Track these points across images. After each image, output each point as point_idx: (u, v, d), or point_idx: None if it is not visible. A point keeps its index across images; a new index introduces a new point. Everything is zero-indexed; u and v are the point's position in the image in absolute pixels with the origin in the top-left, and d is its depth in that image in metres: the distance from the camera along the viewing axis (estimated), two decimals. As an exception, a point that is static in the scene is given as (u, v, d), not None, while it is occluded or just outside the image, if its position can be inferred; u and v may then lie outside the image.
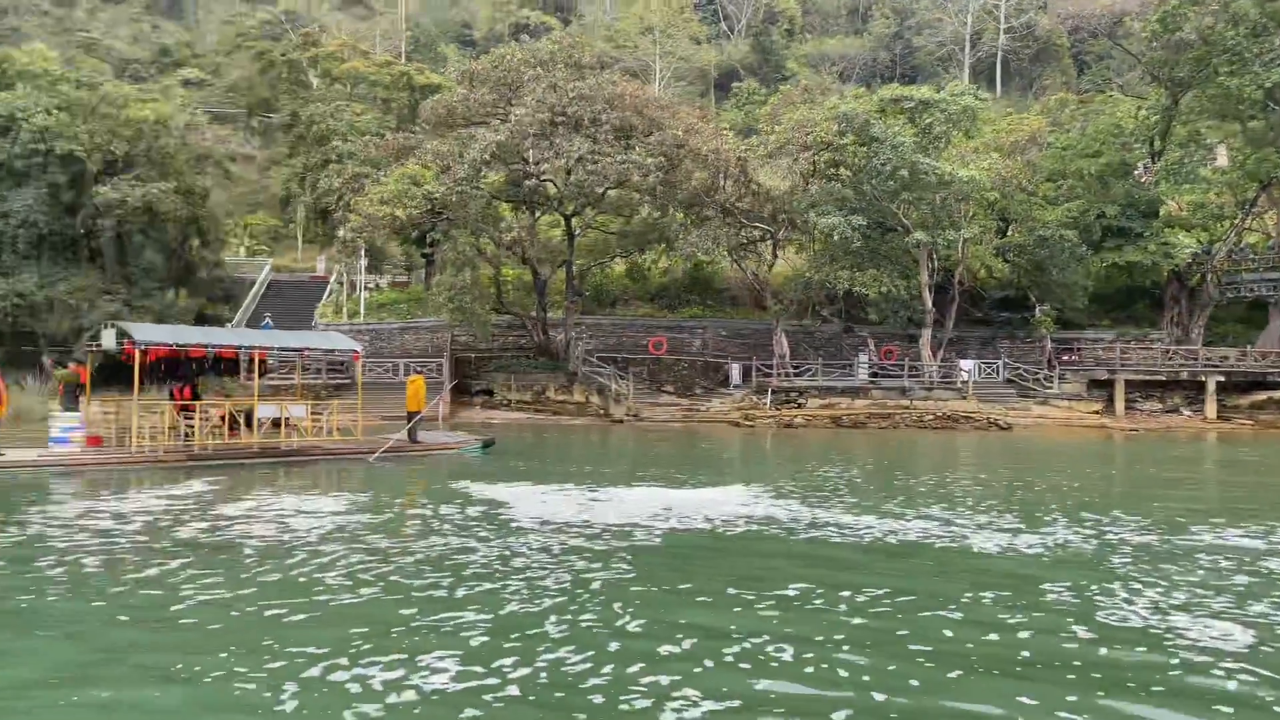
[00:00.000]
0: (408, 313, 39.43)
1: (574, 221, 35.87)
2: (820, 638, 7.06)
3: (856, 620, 7.62)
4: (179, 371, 23.39)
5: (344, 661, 6.41)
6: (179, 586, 8.55)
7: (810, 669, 6.38)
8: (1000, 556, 10.35)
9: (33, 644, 6.89)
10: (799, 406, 33.89)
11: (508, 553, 10.25)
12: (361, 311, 39.80)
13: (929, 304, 35.59)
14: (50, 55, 68.84)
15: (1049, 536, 11.49)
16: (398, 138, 35.76)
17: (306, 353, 27.22)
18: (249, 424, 21.23)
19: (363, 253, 38.29)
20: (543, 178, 33.69)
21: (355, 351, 24.27)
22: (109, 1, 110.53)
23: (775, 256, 36.80)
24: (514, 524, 12.06)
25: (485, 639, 6.99)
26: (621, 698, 5.81)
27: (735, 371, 36.45)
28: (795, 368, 35.66)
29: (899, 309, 35.67)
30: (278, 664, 6.36)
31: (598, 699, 5.79)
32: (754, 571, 9.47)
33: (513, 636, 7.05)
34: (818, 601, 8.23)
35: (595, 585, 8.80)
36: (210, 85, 78.55)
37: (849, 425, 32.86)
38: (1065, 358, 37.78)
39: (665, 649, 6.78)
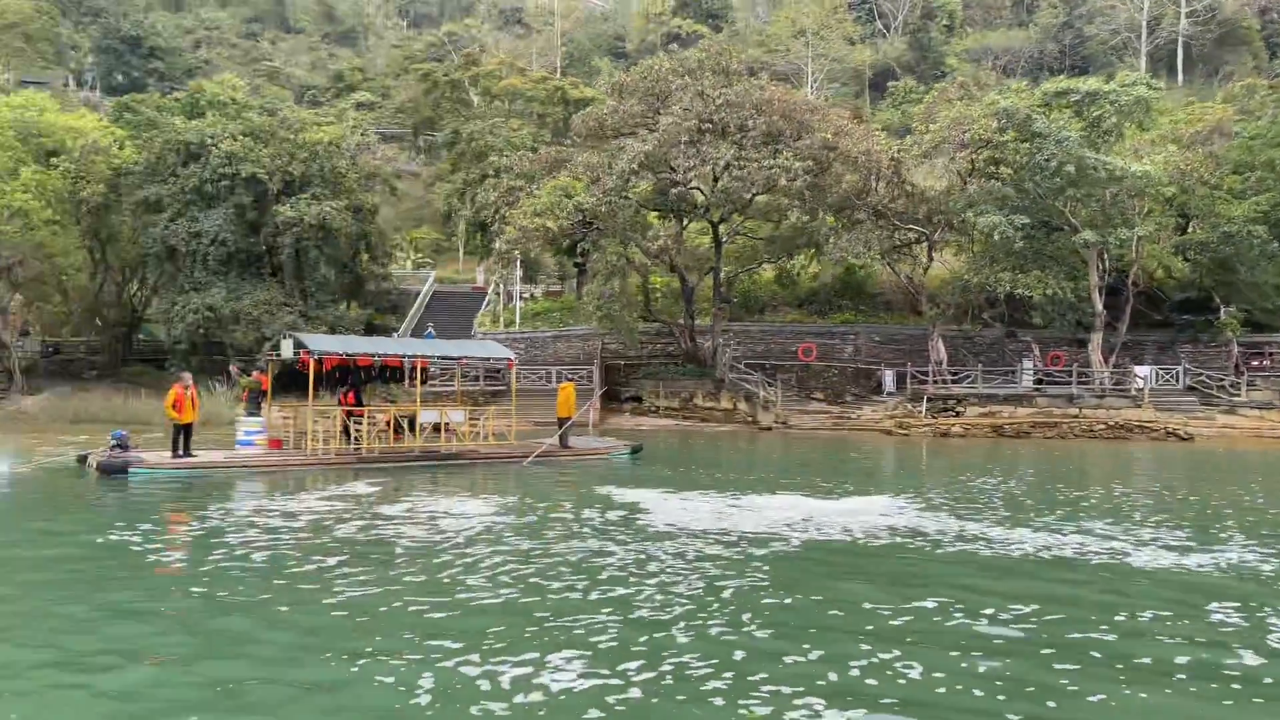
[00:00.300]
0: (560, 321, 40.43)
1: (721, 228, 35.90)
2: (955, 653, 6.81)
3: (997, 637, 7.31)
4: (349, 379, 24.88)
5: (476, 658, 6.64)
6: (333, 581, 9.07)
7: (941, 686, 6.17)
8: (1164, 574, 9.70)
9: (197, 627, 7.48)
10: (956, 415, 32.69)
11: (643, 557, 10.36)
12: (517, 320, 41.08)
13: (1099, 306, 33.65)
14: (238, 84, 74.51)
15: (1222, 555, 10.68)
16: (551, 151, 36.79)
17: (464, 361, 28.41)
18: (412, 429, 22.31)
19: (518, 264, 39.53)
20: (690, 185, 33.86)
21: (509, 359, 25.08)
22: (290, 32, 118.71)
23: (931, 259, 35.67)
24: (651, 529, 12.17)
25: (614, 642, 7.10)
26: (740, 702, 5.79)
27: (888, 378, 35.53)
28: (953, 374, 34.43)
29: (1066, 312, 33.86)
30: (415, 657, 6.66)
31: (718, 701, 5.79)
32: (891, 584, 9.23)
33: (640, 640, 7.13)
34: (957, 616, 7.94)
35: (726, 593, 8.78)
36: (380, 107, 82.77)
37: (1011, 435, 31.46)
38: (1255, 363, 34.95)
39: (791, 658, 6.71)
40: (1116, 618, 7.85)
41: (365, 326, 41.59)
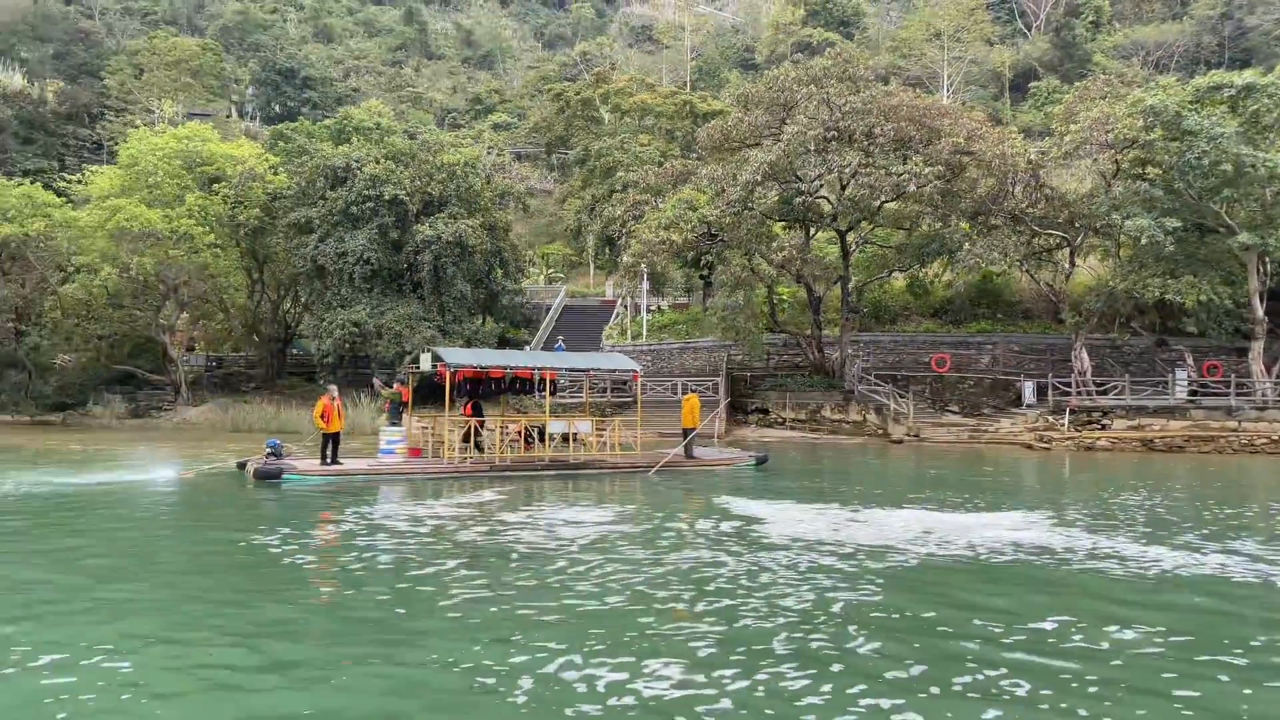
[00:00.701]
0: (686, 333, 40.54)
1: (849, 237, 35.28)
2: (1067, 675, 6.53)
3: (1116, 659, 6.96)
4: (480, 390, 25.75)
5: (578, 660, 6.79)
6: (450, 583, 9.41)
7: (1045, 703, 5.92)
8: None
9: (315, 624, 7.89)
10: (1102, 427, 31.05)
11: (754, 569, 10.32)
12: (644, 333, 41.46)
13: (1259, 313, 31.38)
14: (384, 110, 78.12)
15: (1387, 581, 9.82)
16: (676, 165, 37.03)
17: (592, 373, 28.93)
18: (541, 439, 22.94)
19: (644, 277, 39.89)
20: (816, 194, 33.48)
21: (634, 371, 25.41)
22: (432, 59, 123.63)
23: (1073, 265, 34.04)
24: (766, 540, 12.10)
25: (713, 650, 7.13)
26: (833, 716, 5.71)
27: (1028, 389, 34.07)
28: (1098, 385, 32.73)
29: (1222, 319, 31.71)
30: (519, 658, 6.86)
31: (809, 717, 5.73)
32: (1009, 601, 8.90)
33: (739, 650, 7.13)
34: (1076, 638, 7.59)
35: (835, 606, 8.67)
36: (516, 128, 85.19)
37: (1163, 449, 29.67)
38: None
39: (892, 673, 6.58)
40: (1252, 643, 7.34)
41: (499, 340, 42.77)
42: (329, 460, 19.87)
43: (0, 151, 69.54)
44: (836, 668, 6.68)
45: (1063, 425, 30.93)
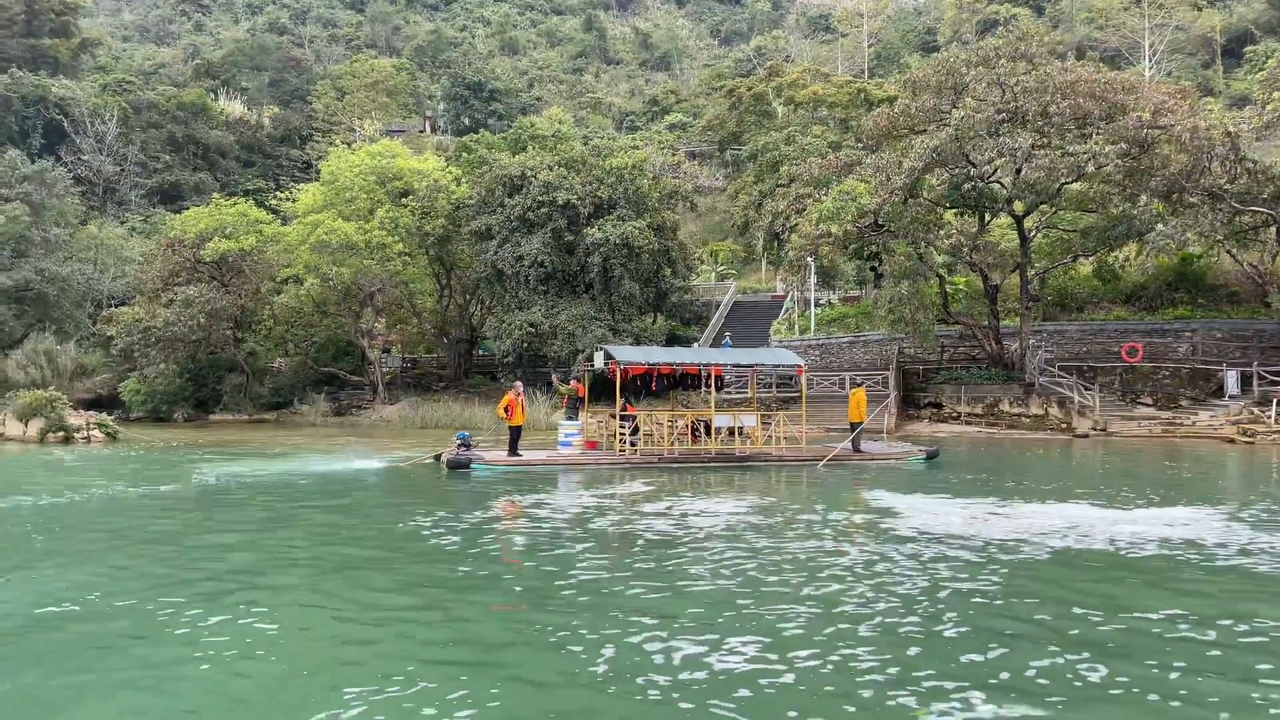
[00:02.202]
0: (856, 327, 39.93)
1: (1027, 222, 33.72)
2: (1152, 661, 6.35)
3: (1213, 651, 6.69)
4: (650, 387, 26.69)
5: (663, 635, 7.21)
6: (570, 565, 10.03)
7: (1118, 689, 5.84)
8: None
9: (436, 599, 8.68)
10: (1316, 420, 28.35)
11: (874, 558, 10.39)
12: (812, 327, 41.16)
13: None
14: (564, 118, 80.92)
15: None
16: (841, 155, 36.58)
17: (756, 368, 29.18)
18: (708, 433, 23.61)
19: (812, 270, 39.62)
20: (989, 179, 32.26)
21: (799, 366, 25.59)
22: (610, 64, 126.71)
23: (1279, 244, 31.19)
24: (894, 532, 12.08)
25: (800, 630, 7.36)
26: (891, 693, 5.87)
27: (1231, 379, 31.42)
28: (1312, 374, 29.89)
29: None
30: (611, 631, 7.34)
31: (865, 693, 5.91)
32: (1124, 592, 8.60)
33: (826, 631, 7.33)
34: (1183, 628, 7.32)
35: (943, 593, 8.67)
36: (691, 126, 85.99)
37: (1391, 444, 26.82)
38: None
39: (968, 656, 6.62)
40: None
41: (668, 337, 43.61)
42: (517, 452, 21.43)
43: (224, 174, 76.99)
44: (914, 650, 6.79)
45: (1269, 417, 28.46)
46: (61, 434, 28.99)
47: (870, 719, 5.53)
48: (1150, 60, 72.16)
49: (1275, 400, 28.92)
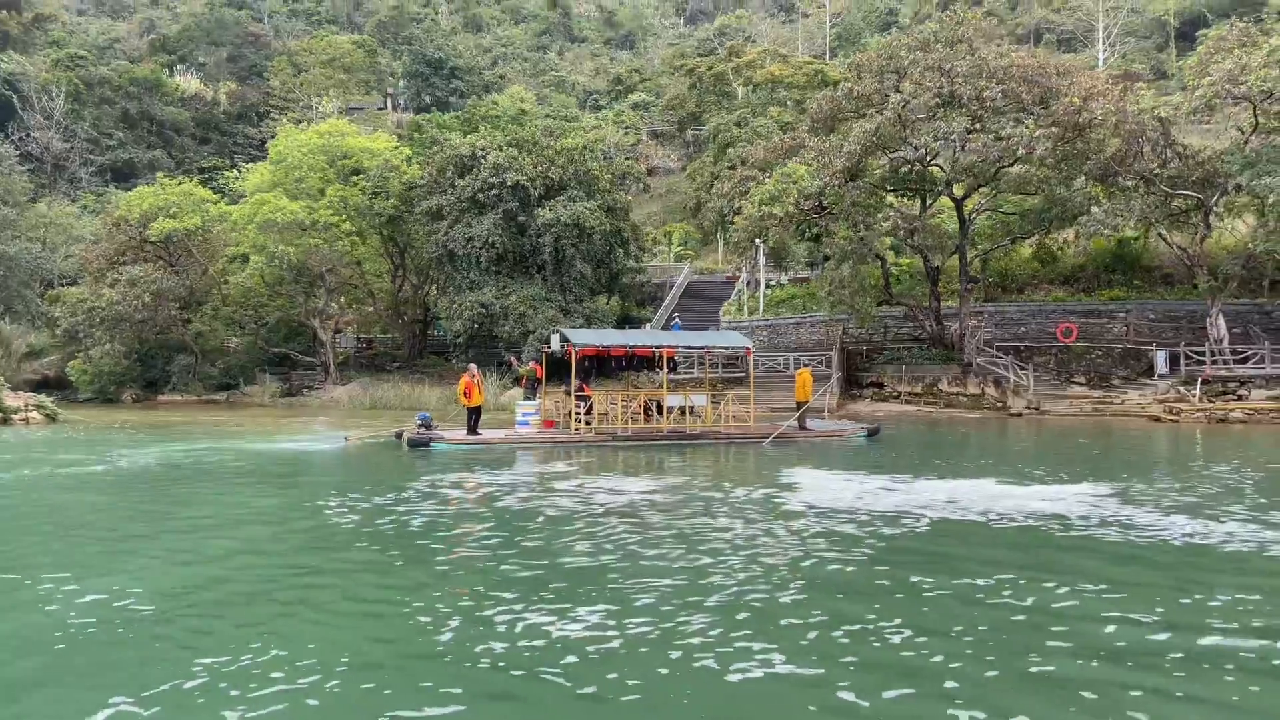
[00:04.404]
0: (803, 308, 40.52)
1: (967, 205, 34.37)
2: (960, 629, 6.82)
3: (1017, 616, 7.18)
4: (602, 368, 27.30)
5: (517, 607, 7.55)
6: (458, 543, 10.37)
7: (909, 650, 6.29)
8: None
9: (335, 579, 9.00)
10: (1239, 398, 29.24)
11: (758, 533, 10.83)
12: (761, 308, 41.68)
13: None
14: (527, 96, 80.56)
15: None
16: (785, 139, 36.99)
17: (707, 350, 29.76)
18: (660, 412, 24.31)
19: (761, 252, 40.07)
20: (928, 162, 32.83)
21: (746, 348, 26.33)
22: (575, 42, 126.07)
23: (1208, 227, 31.97)
24: (786, 508, 12.57)
25: (649, 601, 7.73)
26: (699, 657, 6.27)
27: (1160, 359, 32.30)
28: (1237, 354, 30.78)
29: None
30: (467, 604, 7.69)
31: (675, 655, 6.30)
32: (965, 561, 9.12)
33: (674, 601, 7.71)
34: (1005, 594, 7.81)
35: (806, 564, 9.14)
36: (655, 106, 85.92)
37: (1308, 421, 27.73)
38: None
39: (788, 620, 7.05)
40: (1182, 601, 7.36)
41: (619, 319, 43.98)
42: (476, 431, 22.20)
43: (179, 151, 76.08)
44: (742, 615, 7.20)
45: (1193, 396, 29.33)
46: (-1, 415, 28.90)
47: (674, 678, 5.93)
48: (1105, 43, 73.06)
49: (1199, 380, 29.78)
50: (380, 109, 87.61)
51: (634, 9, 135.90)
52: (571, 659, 6.31)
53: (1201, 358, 30.89)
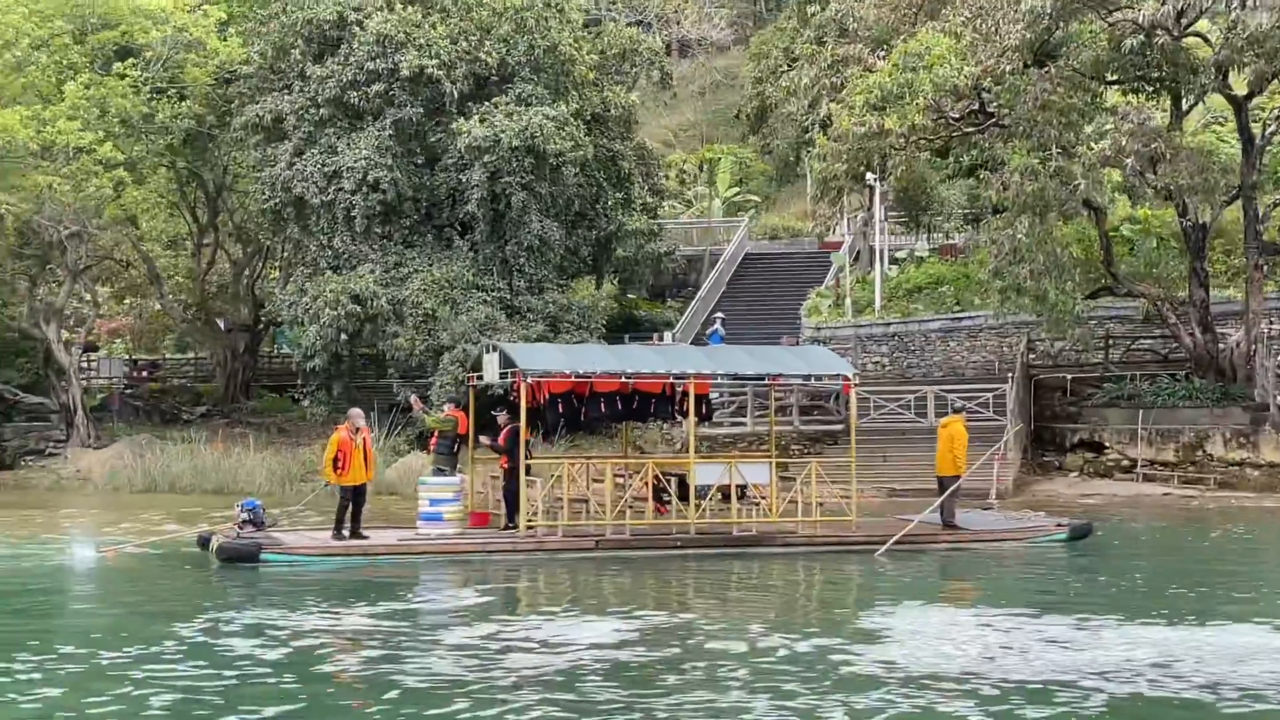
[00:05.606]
0: (955, 300, 40.76)
1: (1259, 111, 34.59)
2: None
3: None
4: (584, 414, 27.59)
5: None
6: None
7: None
8: None
9: None
10: None
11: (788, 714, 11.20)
12: (876, 303, 41.96)
13: None
14: None
15: None
16: (917, -13, 37.45)
17: (773, 380, 29.53)
18: (684, 495, 24.40)
19: (878, 198, 40.53)
20: (1185, 29, 33.15)
21: (845, 379, 26.83)
22: None
23: None
24: (848, 671, 12.94)
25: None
26: None
27: None
28: None
29: None
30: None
31: None
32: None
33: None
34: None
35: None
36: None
37: None
38: None
39: None
40: None
41: (614, 323, 44.35)
42: (343, 531, 22.60)
43: None
44: None
45: None
46: None
47: None
48: None
49: None
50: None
51: None
52: None
53: None
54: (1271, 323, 34.89)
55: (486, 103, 42.12)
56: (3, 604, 19.05)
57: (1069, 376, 37.66)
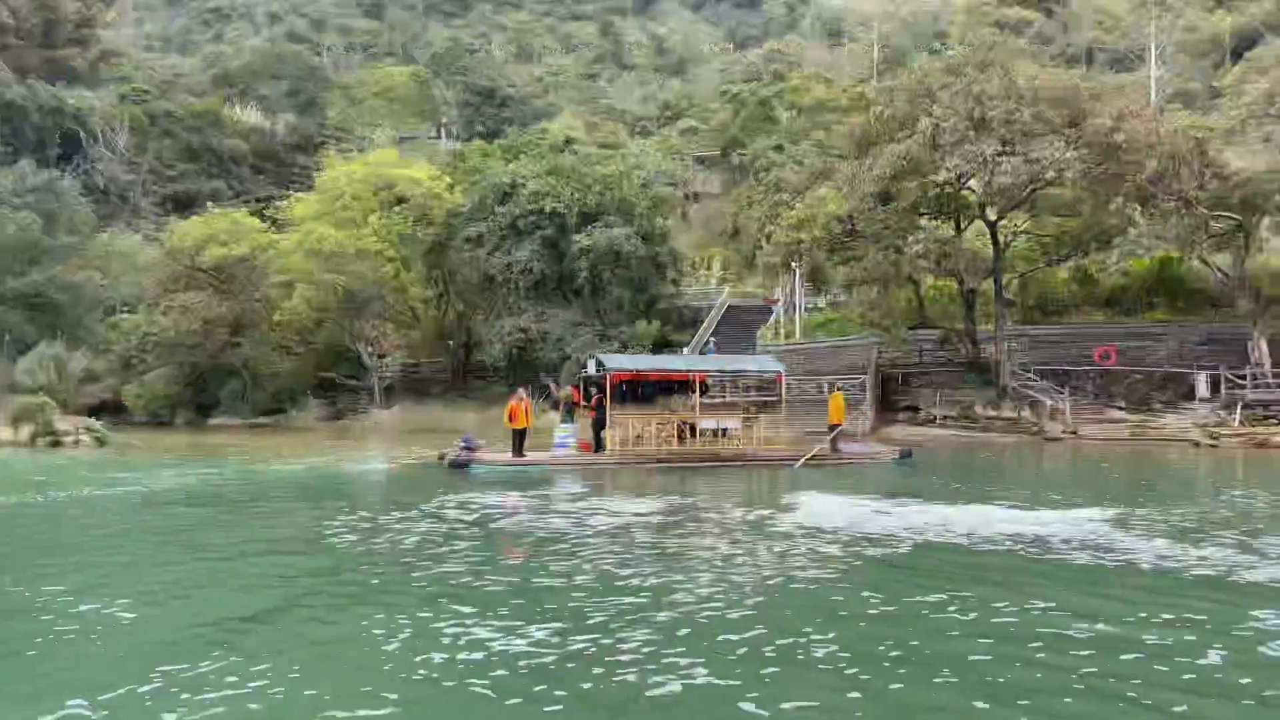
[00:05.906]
0: (840, 331, 40.44)
1: (1001, 227, 34.15)
2: (883, 650, 6.94)
3: (953, 631, 7.29)
4: (640, 392, 27.49)
5: (468, 622, 7.77)
6: (441, 561, 10.67)
7: (827, 668, 6.45)
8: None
9: (280, 590, 9.42)
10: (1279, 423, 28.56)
11: (739, 552, 11.09)
12: (798, 332, 41.67)
13: None
14: (574, 123, 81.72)
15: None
16: (817, 163, 37.19)
17: (740, 374, 29.92)
18: (694, 435, 24.55)
19: (798, 275, 40.17)
20: (960, 185, 32.76)
21: (778, 372, 26.90)
22: (625, 69, 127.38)
23: (1248, 250, 31.33)
24: (775, 528, 12.79)
25: (601, 618, 7.91)
26: (620, 673, 6.49)
27: (1201, 383, 31.60)
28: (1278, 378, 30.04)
29: None
30: (423, 615, 7.98)
31: (598, 669, 6.52)
32: (931, 581, 9.21)
33: (627, 618, 7.89)
34: (952, 610, 7.95)
35: (773, 581, 9.37)
36: (703, 131, 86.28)
37: (1357, 447, 26.97)
38: None
39: (724, 635, 7.24)
40: (1096, 624, 7.40)
41: (655, 343, 44.21)
42: (517, 454, 22.62)
43: (238, 181, 78.57)
44: (683, 631, 7.39)
45: (1234, 421, 28.69)
46: (50, 438, 30.11)
47: (594, 692, 6.17)
48: (1157, 63, 71.87)
49: (1239, 404, 29.13)
50: (433, 138, 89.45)
51: (684, 36, 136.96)
52: (502, 672, 6.56)
53: (1243, 382, 30.20)
54: (1009, 343, 34.29)
55: (590, 225, 42.16)
56: (334, 489, 19.45)
57: (900, 371, 37.31)
